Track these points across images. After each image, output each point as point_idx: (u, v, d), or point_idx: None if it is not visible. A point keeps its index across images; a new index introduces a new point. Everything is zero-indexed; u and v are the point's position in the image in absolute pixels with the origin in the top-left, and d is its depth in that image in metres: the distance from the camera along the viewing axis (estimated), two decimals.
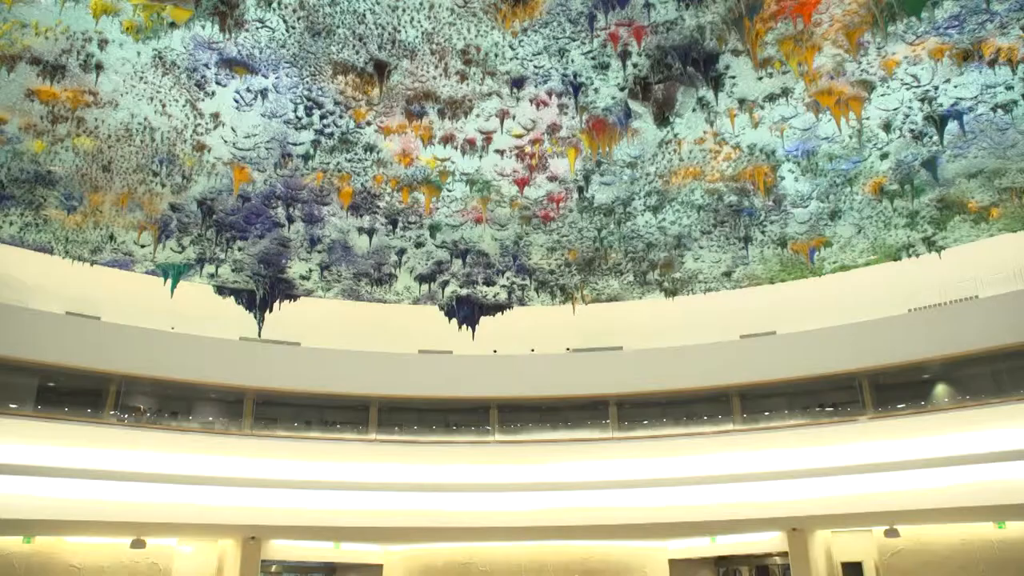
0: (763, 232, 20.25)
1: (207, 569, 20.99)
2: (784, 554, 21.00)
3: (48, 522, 17.45)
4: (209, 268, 20.94)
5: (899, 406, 19.92)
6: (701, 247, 20.79)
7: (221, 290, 21.67)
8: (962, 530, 19.08)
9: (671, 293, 22.82)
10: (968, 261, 20.24)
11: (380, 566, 22.85)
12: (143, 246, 19.89)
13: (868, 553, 20.45)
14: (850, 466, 18.59)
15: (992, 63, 14.55)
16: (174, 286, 20.45)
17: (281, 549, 21.51)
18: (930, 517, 18.48)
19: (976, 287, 20.33)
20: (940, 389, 20.45)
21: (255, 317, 21.51)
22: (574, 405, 22.13)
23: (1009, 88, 15.28)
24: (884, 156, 17.42)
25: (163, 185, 17.84)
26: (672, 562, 23.02)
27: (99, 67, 14.41)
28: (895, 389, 20.54)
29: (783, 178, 18.18)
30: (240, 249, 20.34)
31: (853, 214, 19.48)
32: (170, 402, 21.21)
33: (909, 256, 20.98)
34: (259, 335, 21.50)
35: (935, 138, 16.58)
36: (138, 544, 19.36)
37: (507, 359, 22.14)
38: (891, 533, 19.35)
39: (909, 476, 17.83)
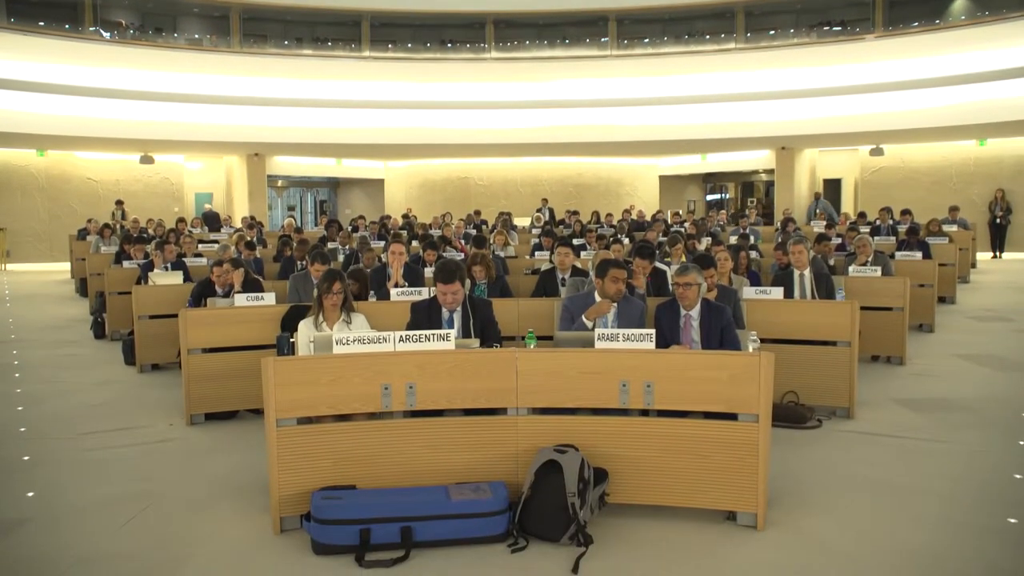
0: None
1: (216, 184, 22.09)
2: (769, 171, 21.91)
3: (57, 137, 17.87)
4: None
5: (913, 24, 19.09)
6: None
7: None
8: (943, 148, 19.58)
9: None
10: None
11: (381, 181, 24.00)
12: None
13: (850, 170, 21.27)
14: (848, 86, 18.41)
15: None
16: None
17: (285, 165, 22.44)
18: (919, 136, 18.83)
19: None
20: (958, 5, 19.44)
21: None
22: (573, 21, 21.25)
23: None
24: None
25: None
26: (662, 178, 24.13)
27: None
28: (909, 6, 19.53)
29: None
30: None
31: None
32: (152, 18, 20.39)
33: None
34: None
35: None
36: (146, 160, 20.10)
37: None
38: (876, 152, 19.91)
39: (903, 96, 17.76)
